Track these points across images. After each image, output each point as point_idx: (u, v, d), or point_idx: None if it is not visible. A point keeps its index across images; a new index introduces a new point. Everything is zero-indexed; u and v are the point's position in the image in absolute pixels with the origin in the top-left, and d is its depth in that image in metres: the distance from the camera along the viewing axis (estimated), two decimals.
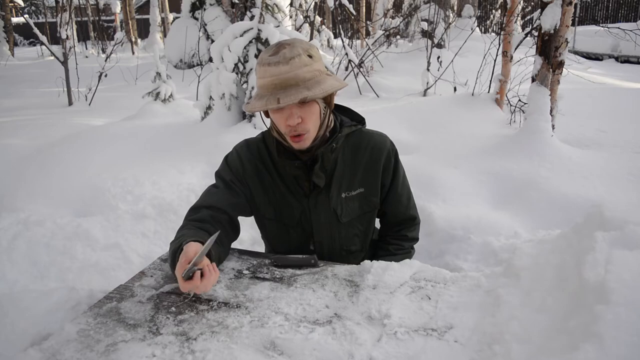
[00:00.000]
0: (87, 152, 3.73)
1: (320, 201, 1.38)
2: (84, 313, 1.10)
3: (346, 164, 1.38)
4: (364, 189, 1.40)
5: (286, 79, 1.17)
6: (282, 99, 1.16)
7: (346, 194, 1.38)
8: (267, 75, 1.18)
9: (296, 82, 1.17)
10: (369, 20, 11.00)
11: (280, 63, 1.16)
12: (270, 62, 1.17)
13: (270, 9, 4.59)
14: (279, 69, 1.16)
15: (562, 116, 3.85)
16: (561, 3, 3.33)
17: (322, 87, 1.19)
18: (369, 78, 6.02)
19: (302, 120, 1.22)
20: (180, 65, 9.87)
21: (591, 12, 15.20)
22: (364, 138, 1.40)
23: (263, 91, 1.21)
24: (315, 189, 1.36)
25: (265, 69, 1.18)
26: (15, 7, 15.37)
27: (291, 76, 1.16)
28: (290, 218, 1.40)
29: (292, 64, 1.16)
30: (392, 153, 1.42)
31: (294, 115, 1.21)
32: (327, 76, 1.24)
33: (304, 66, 1.18)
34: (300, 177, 1.36)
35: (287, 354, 0.93)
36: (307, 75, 1.18)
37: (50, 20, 17.27)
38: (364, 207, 1.42)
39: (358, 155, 1.39)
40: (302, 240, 1.43)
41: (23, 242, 2.73)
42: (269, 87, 1.19)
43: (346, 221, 1.40)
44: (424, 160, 3.36)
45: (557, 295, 0.92)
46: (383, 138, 1.43)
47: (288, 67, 1.16)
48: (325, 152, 1.31)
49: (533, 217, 2.76)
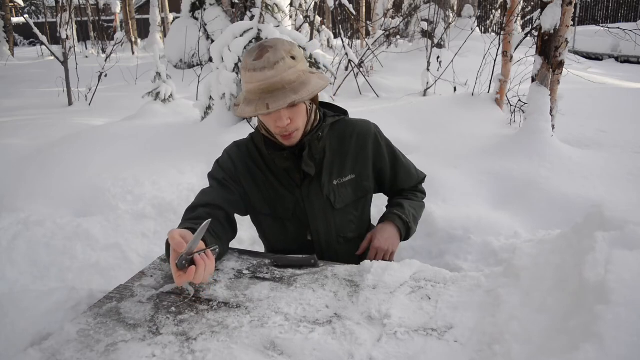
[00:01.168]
0: (87, 152, 3.73)
1: (312, 190, 1.40)
2: (84, 313, 1.10)
3: (334, 152, 1.42)
4: (354, 175, 1.44)
5: (273, 84, 1.20)
6: (271, 105, 1.19)
7: (338, 180, 1.42)
8: (253, 81, 1.21)
9: (282, 85, 1.20)
10: (369, 20, 11.00)
11: (266, 68, 1.19)
12: (255, 67, 1.20)
13: (270, 9, 4.59)
14: (265, 74, 1.19)
15: (562, 116, 3.85)
16: (561, 3, 3.33)
17: (308, 89, 1.22)
18: (369, 78, 6.02)
19: (291, 121, 1.26)
20: (180, 65, 9.87)
21: (591, 12, 15.20)
22: (348, 126, 1.45)
23: (251, 96, 1.24)
24: (307, 178, 1.39)
25: (251, 74, 1.21)
26: (15, 7, 15.37)
27: (277, 80, 1.19)
28: (285, 211, 1.43)
29: (277, 68, 1.19)
30: (378, 136, 1.47)
31: (283, 118, 1.24)
32: (310, 75, 1.28)
33: (288, 69, 1.21)
34: (291, 169, 1.39)
35: (287, 354, 0.93)
36: (292, 77, 1.21)
37: (50, 20, 17.28)
38: (357, 192, 1.46)
39: (344, 143, 1.43)
40: (299, 232, 1.45)
41: (23, 242, 2.73)
42: (257, 92, 1.22)
43: (340, 207, 1.43)
44: (424, 160, 3.35)
45: (557, 295, 0.92)
46: (367, 124, 1.48)
47: (274, 72, 1.19)
48: (312, 140, 1.35)
49: (533, 217, 2.76)
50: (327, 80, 1.32)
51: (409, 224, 1.48)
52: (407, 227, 1.48)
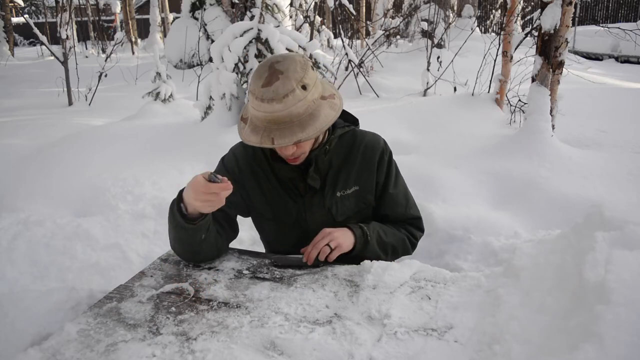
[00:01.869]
0: (87, 152, 3.73)
1: (315, 202, 1.40)
2: (84, 313, 1.10)
3: (340, 163, 1.40)
4: (358, 187, 1.42)
5: (280, 117, 1.16)
6: (276, 140, 1.17)
7: (341, 192, 1.40)
8: (260, 110, 1.17)
9: (290, 119, 1.16)
10: (369, 20, 11.00)
11: (274, 100, 1.14)
12: (263, 97, 1.15)
13: (270, 9, 4.59)
14: (273, 107, 1.15)
15: (562, 116, 3.85)
16: (561, 3, 3.33)
17: (315, 126, 1.18)
18: (369, 78, 6.02)
19: (297, 148, 1.26)
20: (180, 65, 9.87)
21: (591, 12, 15.20)
22: (357, 137, 1.42)
23: (257, 122, 1.21)
24: (311, 190, 1.38)
25: (259, 103, 1.16)
26: (15, 7, 15.37)
27: (285, 114, 1.15)
28: (287, 217, 1.42)
29: (286, 102, 1.14)
30: (385, 152, 1.44)
31: (289, 149, 1.24)
32: (321, 103, 1.22)
33: (297, 102, 1.15)
34: (296, 179, 1.38)
35: (287, 354, 0.93)
36: (301, 110, 1.17)
37: (50, 20, 17.27)
38: (359, 204, 1.44)
39: (351, 154, 1.41)
40: (300, 239, 1.44)
41: (23, 242, 2.73)
42: (263, 122, 1.19)
43: (342, 220, 1.42)
44: (424, 160, 3.37)
45: (557, 295, 0.92)
46: (376, 137, 1.45)
47: (282, 106, 1.14)
48: (319, 155, 1.34)
49: (533, 217, 2.76)
50: (339, 108, 1.26)
51: (368, 237, 1.34)
52: (366, 239, 1.34)
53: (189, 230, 1.21)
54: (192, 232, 1.21)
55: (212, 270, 1.29)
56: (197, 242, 1.25)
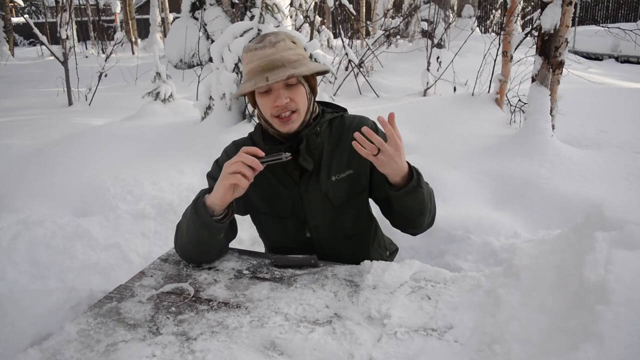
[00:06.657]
0: (87, 152, 3.73)
1: (311, 186, 1.40)
2: (84, 313, 1.10)
3: (332, 147, 1.41)
4: (352, 170, 1.42)
5: (273, 60, 1.23)
6: (270, 77, 1.21)
7: (336, 177, 1.40)
8: (254, 59, 1.25)
9: (282, 62, 1.23)
10: (369, 20, 11.00)
11: (267, 47, 1.23)
12: (256, 47, 1.24)
13: (270, 9, 4.59)
14: (265, 52, 1.23)
15: (562, 116, 3.85)
16: (561, 3, 3.33)
17: (307, 67, 1.26)
18: (369, 78, 6.02)
19: (290, 100, 1.28)
20: (180, 65, 9.87)
21: (591, 12, 15.21)
22: (346, 121, 1.45)
23: (251, 75, 1.26)
24: (305, 174, 1.38)
25: (252, 53, 1.25)
26: (15, 7, 15.36)
27: (277, 57, 1.23)
28: (283, 209, 1.42)
29: (278, 46, 1.23)
30: (376, 129, 1.41)
31: (281, 96, 1.26)
32: (309, 61, 1.31)
33: (289, 49, 1.25)
34: (288, 165, 1.36)
35: (287, 354, 0.93)
36: (293, 57, 1.25)
37: (50, 20, 17.28)
38: (354, 188, 1.43)
39: (342, 137, 1.42)
40: (297, 230, 1.45)
41: (23, 242, 2.73)
42: (257, 70, 1.24)
43: (338, 204, 1.42)
44: (424, 160, 3.36)
45: (557, 295, 0.92)
46: (365, 118, 1.47)
47: (274, 50, 1.23)
48: (310, 134, 1.35)
49: (533, 217, 2.76)
50: (328, 65, 1.35)
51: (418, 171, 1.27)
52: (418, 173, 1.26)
53: (214, 228, 1.22)
54: (216, 231, 1.24)
55: (212, 270, 1.29)
56: (215, 241, 1.28)
